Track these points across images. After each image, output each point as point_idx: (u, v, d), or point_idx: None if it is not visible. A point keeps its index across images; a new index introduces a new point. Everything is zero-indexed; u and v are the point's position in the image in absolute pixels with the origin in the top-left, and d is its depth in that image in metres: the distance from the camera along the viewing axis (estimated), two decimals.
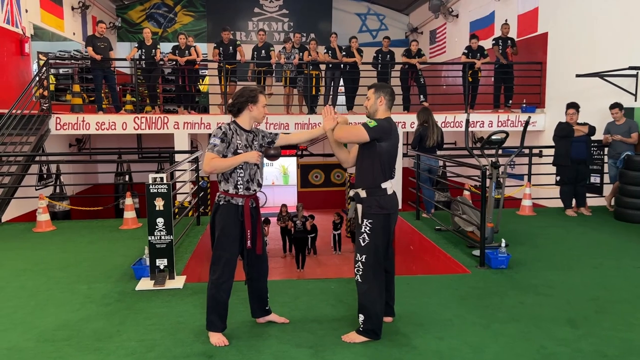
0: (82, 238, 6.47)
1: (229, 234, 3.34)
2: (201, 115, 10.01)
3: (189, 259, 5.49)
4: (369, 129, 3.32)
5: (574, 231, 6.50)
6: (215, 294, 3.34)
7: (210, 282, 3.36)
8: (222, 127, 3.35)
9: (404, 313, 3.88)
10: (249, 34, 17.06)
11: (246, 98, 3.38)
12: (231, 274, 3.38)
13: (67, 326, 3.72)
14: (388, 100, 3.51)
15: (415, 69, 10.94)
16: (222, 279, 3.33)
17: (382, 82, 3.69)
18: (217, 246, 3.35)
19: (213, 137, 3.32)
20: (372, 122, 3.35)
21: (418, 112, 7.51)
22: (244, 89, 3.47)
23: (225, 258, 3.34)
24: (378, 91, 3.50)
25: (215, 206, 3.41)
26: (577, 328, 3.60)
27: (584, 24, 8.90)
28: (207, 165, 3.28)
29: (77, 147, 12.37)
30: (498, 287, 4.48)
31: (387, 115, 3.51)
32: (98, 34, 9.89)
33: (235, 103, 3.41)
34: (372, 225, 3.36)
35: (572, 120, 7.22)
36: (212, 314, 3.39)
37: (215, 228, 3.38)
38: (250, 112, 3.41)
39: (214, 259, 3.36)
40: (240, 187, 3.36)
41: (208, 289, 3.37)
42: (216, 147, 3.29)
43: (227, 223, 3.33)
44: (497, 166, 5.53)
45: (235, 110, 3.42)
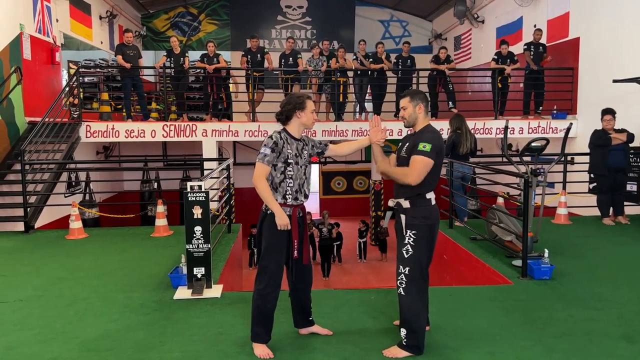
0: (114, 246, 6.48)
1: (276, 244, 3.29)
2: (229, 123, 10.00)
3: (223, 267, 5.44)
4: (429, 156, 3.20)
5: (613, 241, 6.31)
6: (261, 304, 3.28)
7: (255, 292, 3.30)
8: (274, 137, 3.30)
9: (450, 326, 3.78)
10: (272, 41, 17.12)
11: (293, 105, 3.34)
12: (278, 284, 3.31)
13: (108, 336, 3.69)
14: (425, 106, 3.41)
15: (443, 75, 10.82)
16: (269, 289, 3.27)
17: (415, 89, 3.59)
18: (265, 256, 3.29)
19: (264, 146, 3.26)
20: (426, 145, 3.21)
21: (451, 119, 7.40)
22: (290, 95, 3.43)
23: (272, 268, 3.28)
24: (414, 99, 3.39)
25: (262, 215, 3.34)
26: (634, 344, 3.46)
27: (617, 29, 8.70)
28: (258, 180, 3.25)
29: (104, 154, 12.48)
30: (544, 299, 4.34)
31: (427, 121, 3.42)
32: (126, 43, 9.98)
33: (283, 111, 3.37)
34: (416, 236, 3.26)
35: (609, 127, 7.04)
36: (258, 325, 3.32)
37: (262, 237, 3.33)
38: (299, 119, 3.36)
39: (260, 269, 3.31)
40: (289, 197, 3.31)
41: (253, 299, 3.31)
42: (267, 157, 3.24)
43: (275, 232, 3.27)
44: (538, 174, 5.39)
45: (284, 118, 3.37)
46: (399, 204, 3.36)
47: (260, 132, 9.89)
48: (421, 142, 3.24)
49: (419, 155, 3.21)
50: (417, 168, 3.21)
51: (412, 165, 3.23)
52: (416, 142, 3.27)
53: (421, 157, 3.20)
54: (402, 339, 3.30)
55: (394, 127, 10.00)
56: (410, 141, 3.36)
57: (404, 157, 3.35)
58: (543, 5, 11.07)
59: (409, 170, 3.23)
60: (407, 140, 3.41)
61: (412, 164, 3.23)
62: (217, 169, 6.44)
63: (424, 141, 3.24)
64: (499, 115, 10.47)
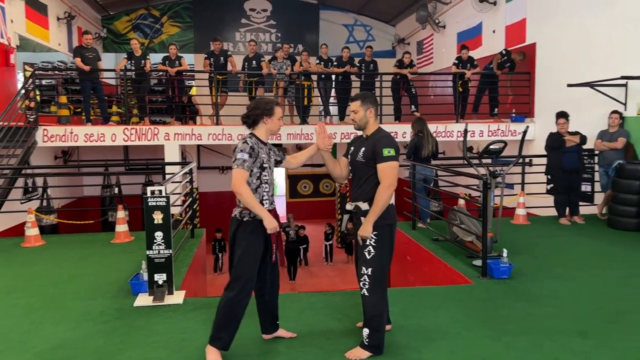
0: (73, 253, 6.30)
1: (253, 251, 3.25)
2: (192, 127, 9.89)
3: (186, 273, 5.37)
4: (396, 159, 3.28)
5: (570, 240, 6.51)
6: (230, 311, 3.22)
7: (226, 299, 3.23)
8: (249, 142, 3.26)
9: (412, 326, 3.83)
10: (236, 44, 17.02)
11: (261, 111, 3.32)
12: (250, 291, 3.29)
13: (66, 345, 3.59)
14: (376, 110, 3.48)
15: (406, 79, 10.98)
16: (241, 296, 3.22)
17: (365, 92, 3.64)
18: (239, 264, 3.23)
19: (241, 151, 3.21)
20: (390, 150, 3.27)
21: (413, 122, 7.51)
22: (259, 100, 3.41)
23: (247, 276, 3.23)
24: (365, 102, 3.44)
25: (237, 222, 3.29)
26: (589, 339, 3.57)
27: (571, 35, 9.01)
28: (240, 186, 3.17)
29: (62, 159, 12.15)
30: (503, 298, 4.45)
31: (377, 125, 3.48)
32: (85, 45, 9.75)
33: (250, 115, 3.35)
34: (377, 237, 3.29)
35: (563, 130, 7.28)
36: (223, 331, 3.24)
37: (236, 244, 3.27)
38: (266, 125, 3.36)
39: (234, 277, 3.24)
40: (265, 202, 3.30)
41: (222, 305, 3.24)
42: (246, 162, 3.19)
43: (252, 239, 3.24)
44: (496, 176, 5.52)
45: (250, 122, 3.36)
46: (357, 206, 3.39)
47: (224, 136, 9.81)
48: (384, 148, 3.27)
49: (389, 162, 3.26)
50: (392, 175, 3.26)
51: (386, 173, 3.26)
52: (377, 149, 3.29)
53: (390, 162, 3.26)
54: (364, 338, 3.31)
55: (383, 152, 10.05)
56: (365, 146, 3.38)
57: (361, 163, 3.37)
58: (501, 12, 11.37)
59: (384, 181, 3.26)
60: (360, 145, 3.44)
61: (385, 172, 3.27)
62: (179, 172, 6.35)
63: (386, 146, 3.28)
64: (459, 118, 10.68)
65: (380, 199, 3.25)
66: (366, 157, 3.34)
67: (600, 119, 7.94)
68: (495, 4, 11.52)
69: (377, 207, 3.25)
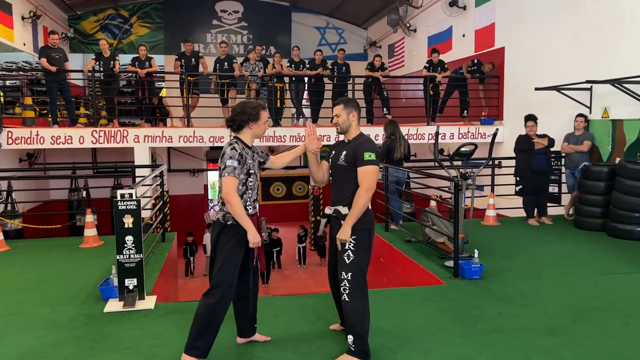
0: (40, 258, 6.14)
1: (235, 256, 3.20)
2: (162, 129, 9.75)
3: (157, 277, 5.28)
4: (376, 163, 3.30)
5: (538, 240, 6.65)
6: (209, 318, 3.15)
7: (205, 306, 3.16)
8: (237, 148, 3.20)
9: (387, 327, 3.85)
10: (207, 46, 16.88)
11: (248, 116, 3.27)
12: (231, 297, 3.24)
13: (33, 354, 3.48)
14: (358, 114, 3.49)
15: (378, 82, 11.06)
16: (222, 302, 3.16)
17: (348, 97, 3.67)
18: (221, 269, 3.17)
19: (230, 158, 3.15)
20: (371, 154, 3.28)
21: (385, 125, 7.57)
22: (245, 104, 3.35)
23: (229, 281, 3.18)
24: (348, 107, 3.45)
25: (220, 226, 3.23)
26: (558, 337, 3.65)
27: (539, 39, 9.24)
28: (232, 195, 3.12)
29: (27, 162, 11.82)
30: (475, 298, 4.51)
31: (359, 129, 3.49)
32: (51, 45, 9.51)
33: (234, 119, 3.29)
34: (356, 241, 3.29)
35: (531, 132, 7.44)
36: (201, 339, 3.17)
37: (218, 248, 3.22)
38: (251, 130, 3.31)
39: (216, 283, 3.17)
40: (249, 207, 3.26)
41: (200, 313, 3.16)
42: (236, 169, 3.14)
43: (234, 244, 3.19)
44: (467, 177, 5.60)
45: (235, 127, 3.30)
46: (337, 210, 3.38)
47: (195, 138, 9.70)
48: (365, 152, 3.28)
49: (369, 166, 3.27)
50: (371, 178, 3.27)
51: (366, 176, 3.27)
52: (358, 153, 3.30)
53: (371, 166, 3.27)
54: (350, 345, 3.27)
55: (331, 133, 10.10)
56: (347, 150, 3.38)
57: (343, 166, 3.37)
58: (471, 16, 11.57)
59: (363, 184, 3.26)
60: (342, 149, 3.44)
61: (365, 175, 3.27)
62: (150, 175, 6.25)
63: (368, 150, 3.29)
64: (430, 121, 10.81)
65: (359, 202, 3.25)
66: (347, 161, 3.35)
67: (566, 122, 8.15)
68: (465, 9, 11.72)
69: (355, 210, 3.25)
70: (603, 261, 5.64)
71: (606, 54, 7.69)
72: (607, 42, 7.67)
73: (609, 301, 4.39)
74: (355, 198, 3.26)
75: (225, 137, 9.85)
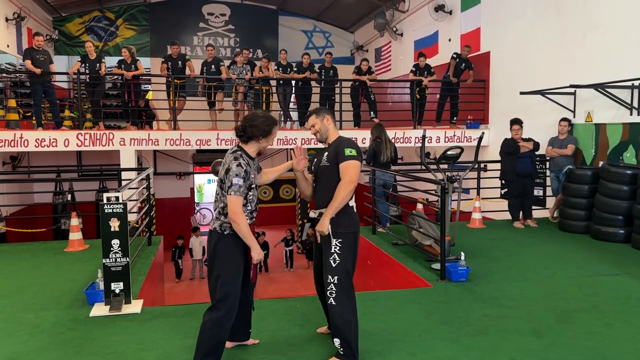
0: (24, 262, 6.06)
1: (237, 267, 3.18)
2: (149, 132, 9.69)
3: (143, 281, 5.24)
4: (357, 159, 3.31)
5: (524, 243, 6.72)
6: (217, 333, 3.10)
7: (212, 321, 3.10)
8: (242, 164, 3.16)
9: (374, 330, 3.86)
10: (194, 48, 16.82)
11: (260, 132, 3.24)
12: (236, 308, 3.21)
13: (17, 359, 3.44)
14: (332, 117, 3.54)
15: (365, 85, 11.11)
16: (229, 314, 3.14)
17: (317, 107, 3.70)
18: (225, 283, 3.13)
19: (236, 176, 3.11)
20: (352, 150, 3.30)
21: (372, 128, 7.60)
22: (258, 117, 3.28)
23: (234, 293, 3.15)
24: (319, 114, 3.49)
25: (217, 235, 3.20)
26: (542, 338, 3.70)
27: (523, 44, 9.35)
28: (239, 215, 3.10)
29: (11, 165, 11.68)
30: (461, 300, 4.55)
31: (337, 132, 3.53)
32: (36, 47, 9.41)
33: (246, 130, 3.25)
34: (342, 244, 3.29)
35: (517, 136, 7.53)
36: (209, 356, 3.11)
37: (216, 259, 3.18)
38: (259, 144, 3.31)
39: (222, 296, 3.12)
40: (247, 218, 3.22)
41: (207, 328, 3.10)
42: (241, 188, 3.12)
43: (234, 254, 3.18)
44: (454, 181, 5.65)
45: (245, 138, 3.27)
46: (321, 213, 3.37)
47: (182, 141, 9.66)
48: (346, 148, 3.31)
49: (350, 161, 3.28)
50: (352, 172, 3.28)
51: (346, 170, 3.28)
52: (339, 150, 3.32)
53: (352, 161, 3.28)
54: (338, 349, 3.28)
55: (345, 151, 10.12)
56: (329, 151, 3.41)
57: (325, 167, 3.38)
58: (457, 21, 11.67)
59: (344, 177, 3.26)
60: (323, 152, 3.47)
61: (346, 169, 3.28)
62: (136, 179, 6.21)
63: (348, 147, 3.32)
64: (417, 124, 10.87)
65: (339, 194, 3.25)
66: (330, 160, 3.36)
67: (550, 125, 8.26)
68: (451, 13, 11.82)
69: (335, 202, 3.26)
70: (586, 263, 5.71)
71: (589, 58, 7.81)
72: (591, 47, 7.79)
73: (592, 303, 4.45)
74: (336, 190, 3.27)
75: (212, 140, 9.83)
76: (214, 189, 3.36)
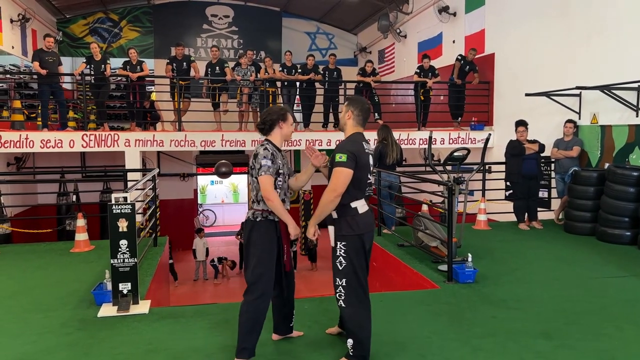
0: (29, 263, 6.06)
1: (270, 250, 3.30)
2: (154, 133, 9.70)
3: (150, 282, 5.24)
4: (346, 165, 3.17)
5: (529, 244, 6.71)
6: (253, 315, 3.24)
7: (247, 304, 3.26)
8: (268, 147, 3.32)
9: (382, 331, 3.85)
10: (197, 50, 16.86)
11: (277, 115, 3.40)
12: (271, 290, 3.34)
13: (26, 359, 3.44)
14: (356, 115, 3.39)
15: (369, 87, 11.11)
16: (264, 297, 3.28)
17: (357, 96, 3.63)
18: (257, 264, 3.27)
19: (264, 158, 3.27)
20: (342, 156, 3.19)
21: (378, 130, 7.59)
22: (272, 108, 3.51)
23: (267, 275, 3.27)
24: (348, 105, 3.44)
25: (250, 223, 3.35)
26: (552, 340, 3.69)
27: (528, 45, 9.35)
28: (271, 192, 3.24)
29: (16, 166, 11.70)
30: (469, 301, 4.54)
31: (355, 130, 3.40)
32: (46, 48, 9.45)
33: (266, 121, 3.41)
34: (346, 247, 3.26)
35: (522, 138, 7.52)
36: (248, 340, 3.26)
37: (251, 245, 3.32)
38: (281, 130, 3.43)
39: (254, 278, 3.27)
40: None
41: (244, 311, 3.26)
42: (270, 168, 3.27)
43: (266, 239, 3.30)
44: (460, 182, 5.64)
45: (267, 128, 3.41)
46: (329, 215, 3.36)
47: (187, 142, 9.67)
48: (337, 153, 3.24)
49: (337, 167, 3.20)
50: (336, 179, 3.19)
51: (332, 177, 3.22)
52: (334, 154, 3.27)
53: (338, 168, 3.20)
54: (349, 349, 3.27)
55: (323, 137, 10.14)
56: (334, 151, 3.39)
57: (330, 168, 3.34)
58: (461, 22, 11.68)
59: (329, 184, 3.23)
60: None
61: (332, 176, 3.22)
62: (144, 179, 6.22)
63: (339, 152, 3.23)
64: (421, 126, 10.87)
65: (320, 202, 3.26)
66: (331, 162, 3.32)
67: (555, 127, 8.25)
68: (455, 15, 11.83)
69: (317, 210, 3.30)
70: (593, 265, 5.70)
71: (594, 60, 7.80)
72: (596, 48, 7.78)
73: (600, 305, 4.44)
74: (321, 198, 3.27)
75: (217, 141, 9.83)
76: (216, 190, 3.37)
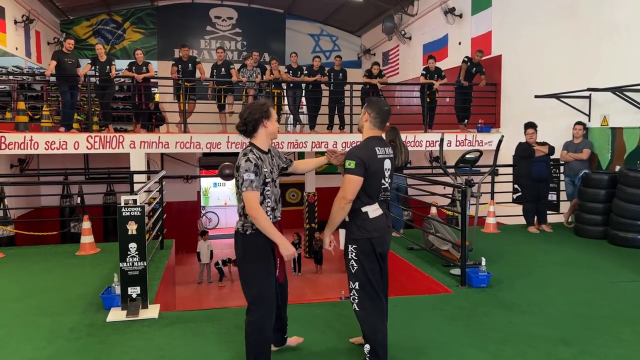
0: (35, 266, 5.98)
1: (266, 265, 3.08)
2: (159, 134, 9.63)
3: (158, 285, 5.16)
4: (353, 172, 3.13)
5: (540, 248, 6.62)
6: (258, 337, 3.03)
7: (250, 324, 3.04)
8: (251, 158, 3.03)
9: (398, 337, 3.77)
10: (201, 52, 16.82)
11: (260, 113, 3.12)
12: (273, 307, 3.11)
13: None
14: (374, 117, 3.30)
15: (376, 89, 11.04)
16: (266, 317, 3.05)
17: (376, 98, 3.54)
18: (256, 282, 3.05)
19: (246, 171, 2.99)
20: (351, 163, 3.14)
21: (386, 132, 7.51)
22: (252, 105, 3.20)
23: (265, 292, 3.06)
24: (366, 107, 3.35)
25: (240, 236, 3.10)
26: (571, 346, 3.61)
27: (537, 47, 9.28)
28: (256, 210, 2.99)
29: (19, 167, 11.64)
30: (484, 306, 4.46)
31: (371, 133, 3.32)
32: (66, 50, 9.49)
33: (248, 121, 3.13)
34: (357, 250, 3.21)
35: (531, 140, 7.44)
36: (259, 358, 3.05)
37: (242, 260, 3.10)
38: (266, 129, 3.17)
39: (254, 298, 3.05)
40: (269, 216, 3.13)
41: (249, 333, 3.04)
42: (253, 182, 2.99)
43: (259, 254, 3.08)
44: (472, 184, 5.56)
45: (250, 130, 3.15)
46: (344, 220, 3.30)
47: (192, 144, 9.60)
48: (347, 159, 3.18)
49: (346, 174, 3.17)
50: (344, 187, 3.16)
51: (341, 185, 3.19)
52: (345, 159, 3.22)
53: (347, 175, 3.16)
54: (366, 355, 3.19)
55: (329, 139, 10.07)
56: None
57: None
58: (467, 24, 11.62)
59: (339, 191, 3.18)
60: None
61: (342, 183, 3.19)
62: (151, 181, 6.14)
63: (348, 158, 3.17)
64: (427, 128, 10.80)
65: (331, 210, 3.21)
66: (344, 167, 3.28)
67: (564, 129, 8.17)
68: (461, 17, 11.76)
69: (330, 219, 3.25)
70: (607, 269, 5.61)
71: (603, 62, 7.73)
72: (604, 50, 7.71)
73: (617, 309, 4.36)
74: (333, 207, 3.22)
75: (222, 143, 9.77)
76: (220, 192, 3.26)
